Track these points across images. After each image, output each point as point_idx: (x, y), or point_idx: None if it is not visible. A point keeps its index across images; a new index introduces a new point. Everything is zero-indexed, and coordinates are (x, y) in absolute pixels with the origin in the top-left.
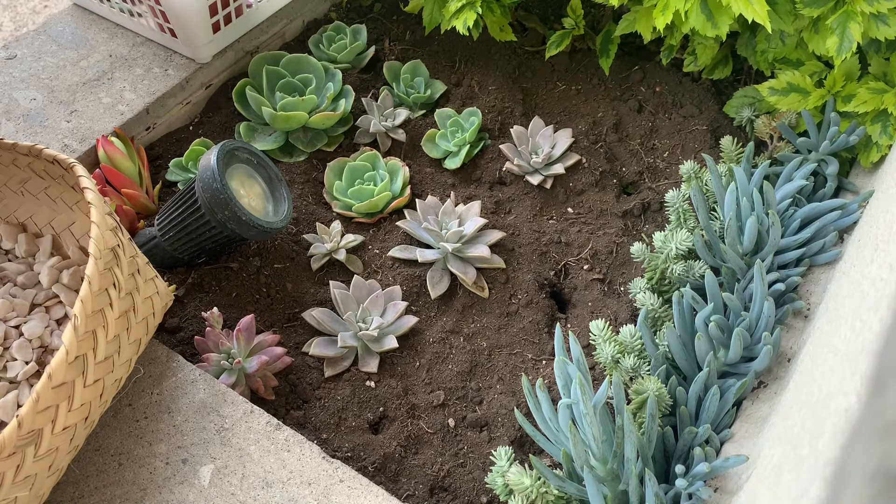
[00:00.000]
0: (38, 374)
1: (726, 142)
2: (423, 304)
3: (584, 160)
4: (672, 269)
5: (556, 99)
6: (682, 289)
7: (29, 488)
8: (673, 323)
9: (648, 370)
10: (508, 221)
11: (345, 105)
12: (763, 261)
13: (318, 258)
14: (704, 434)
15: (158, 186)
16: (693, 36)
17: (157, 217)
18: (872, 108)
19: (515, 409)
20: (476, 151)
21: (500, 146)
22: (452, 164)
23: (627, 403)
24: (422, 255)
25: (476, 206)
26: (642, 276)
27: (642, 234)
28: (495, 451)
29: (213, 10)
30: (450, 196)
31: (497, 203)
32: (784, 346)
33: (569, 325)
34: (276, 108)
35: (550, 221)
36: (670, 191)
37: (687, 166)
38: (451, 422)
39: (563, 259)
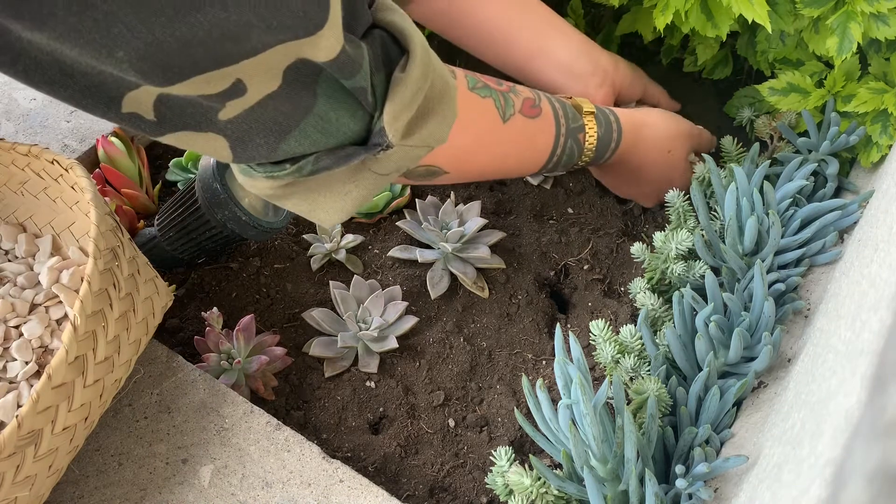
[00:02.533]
0: (37, 375)
1: (727, 142)
2: (423, 304)
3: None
4: (672, 270)
5: None
6: (682, 289)
7: (29, 488)
8: (673, 323)
9: (648, 370)
10: (508, 221)
11: None
12: (763, 261)
13: (318, 258)
14: (704, 434)
15: (158, 186)
16: (693, 36)
17: (156, 217)
18: (872, 108)
19: (515, 410)
20: None
21: None
22: None
23: (627, 403)
24: (422, 255)
25: (476, 206)
26: (642, 277)
27: (642, 234)
28: (495, 451)
29: None
30: (450, 196)
31: (497, 203)
32: (784, 347)
33: (569, 326)
34: None
35: (550, 221)
36: (670, 191)
37: None
38: (452, 422)
39: (563, 259)
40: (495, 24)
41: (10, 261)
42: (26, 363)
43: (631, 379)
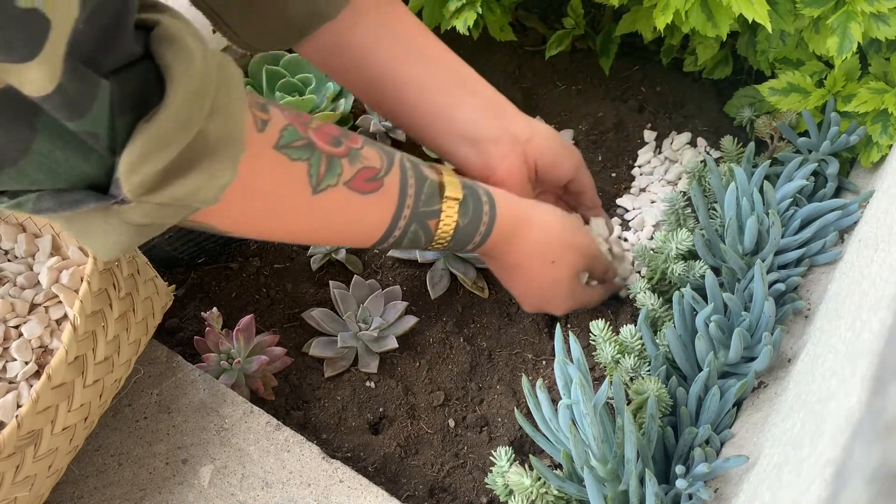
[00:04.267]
0: (37, 375)
1: (727, 142)
2: (423, 304)
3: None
4: (672, 270)
5: (556, 99)
6: (682, 289)
7: (29, 488)
8: (673, 323)
9: (648, 370)
10: None
11: (344, 105)
12: (763, 261)
13: (318, 258)
14: (705, 434)
15: None
16: (693, 36)
17: None
18: (873, 108)
19: (515, 410)
20: None
21: None
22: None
23: (628, 404)
24: (422, 255)
25: None
26: (642, 276)
27: None
28: (495, 451)
29: None
30: None
31: None
32: (784, 347)
33: (569, 326)
34: None
35: None
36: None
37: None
38: (452, 422)
39: None
40: (386, 72)
41: (9, 261)
42: (26, 363)
43: (631, 379)
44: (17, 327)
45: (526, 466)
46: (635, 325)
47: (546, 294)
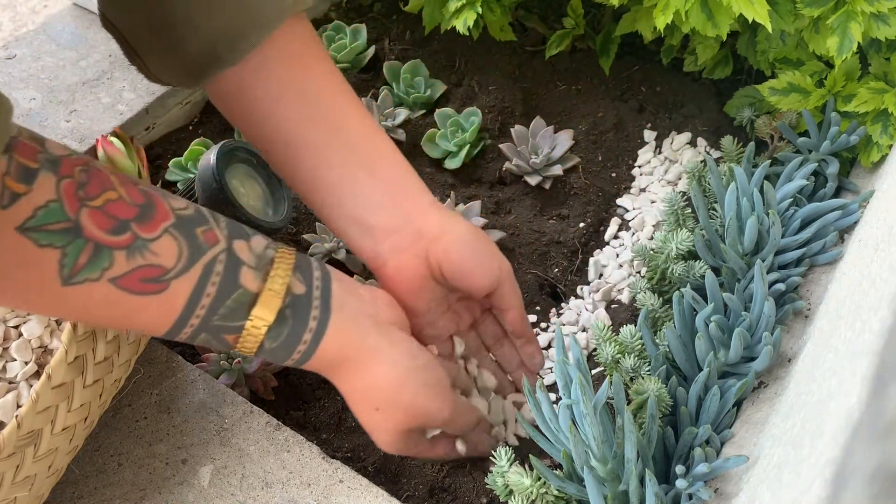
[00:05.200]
0: (37, 375)
1: (727, 142)
2: None
3: (583, 161)
4: (672, 270)
5: (556, 99)
6: (682, 289)
7: (28, 488)
8: (673, 323)
9: (648, 370)
10: (508, 221)
11: None
12: (763, 261)
13: (318, 257)
14: (705, 434)
15: (158, 186)
16: (693, 36)
17: None
18: (873, 107)
19: (516, 410)
20: (476, 151)
21: (500, 146)
22: (452, 164)
23: (628, 404)
24: None
25: (476, 205)
26: (642, 276)
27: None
28: (495, 451)
29: None
30: (450, 196)
31: (497, 203)
32: (784, 347)
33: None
34: None
35: (550, 221)
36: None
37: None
38: None
39: (564, 259)
40: (283, 132)
41: None
42: (26, 363)
43: (631, 379)
44: (17, 327)
45: (526, 466)
46: (635, 325)
47: (370, 431)
